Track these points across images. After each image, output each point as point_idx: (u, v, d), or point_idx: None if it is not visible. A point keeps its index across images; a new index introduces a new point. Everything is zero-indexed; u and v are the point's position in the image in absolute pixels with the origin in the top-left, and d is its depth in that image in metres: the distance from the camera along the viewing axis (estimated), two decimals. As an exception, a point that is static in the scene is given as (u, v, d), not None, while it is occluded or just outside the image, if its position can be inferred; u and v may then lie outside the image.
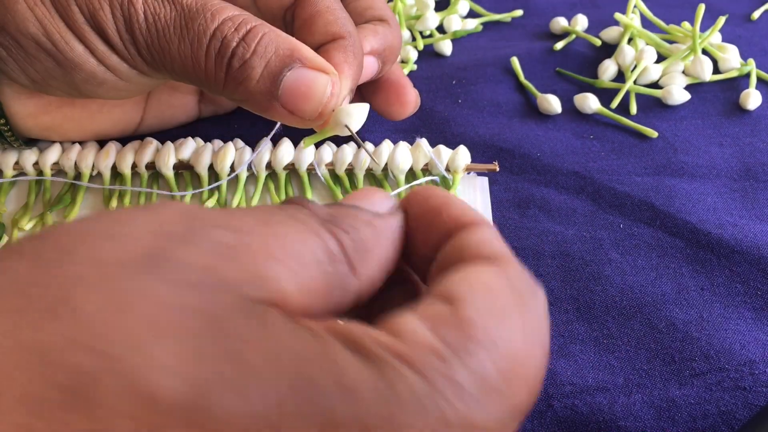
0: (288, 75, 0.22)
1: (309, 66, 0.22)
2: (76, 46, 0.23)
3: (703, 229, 0.31)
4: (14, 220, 0.32)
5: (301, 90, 0.22)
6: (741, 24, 0.44)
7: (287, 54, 0.22)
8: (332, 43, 0.25)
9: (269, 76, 0.22)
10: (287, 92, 0.22)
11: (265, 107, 0.23)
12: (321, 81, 0.23)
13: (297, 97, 0.22)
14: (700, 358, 0.27)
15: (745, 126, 0.37)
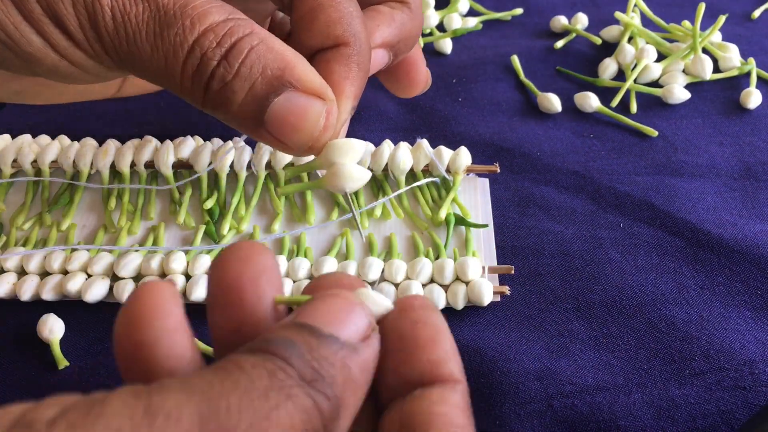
0: (276, 101, 0.19)
1: (301, 90, 0.19)
2: (33, 40, 0.20)
3: (703, 228, 0.31)
4: (12, 218, 0.32)
5: (290, 120, 0.19)
6: (741, 23, 0.44)
7: (276, 75, 0.19)
8: (333, 51, 0.21)
9: (254, 101, 0.19)
10: (274, 120, 0.19)
11: (251, 131, 0.20)
12: (314, 110, 0.19)
13: (285, 126, 0.19)
14: (699, 358, 0.27)
15: (746, 125, 0.37)
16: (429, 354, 0.15)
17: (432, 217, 0.32)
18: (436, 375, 0.15)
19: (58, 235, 0.31)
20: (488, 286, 0.28)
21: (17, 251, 0.30)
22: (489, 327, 0.28)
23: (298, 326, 0.14)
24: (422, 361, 0.15)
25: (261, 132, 0.19)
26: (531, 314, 0.28)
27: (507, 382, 0.26)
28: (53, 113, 0.38)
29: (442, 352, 0.16)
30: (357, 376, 0.14)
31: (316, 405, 0.13)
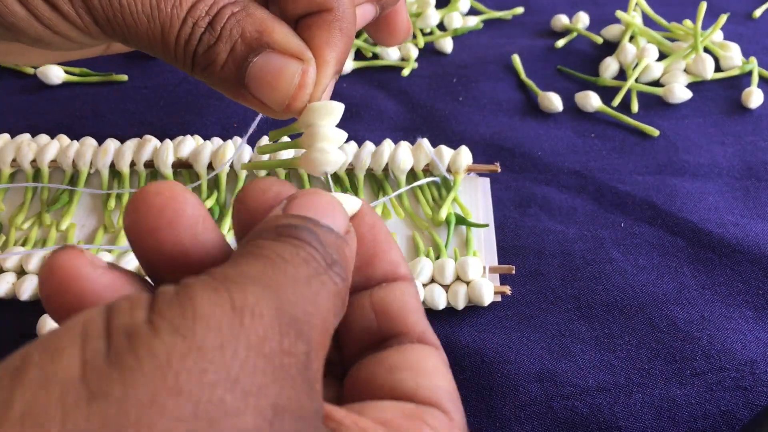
0: (254, 61, 0.20)
1: (279, 51, 0.20)
2: (17, 10, 0.20)
3: (705, 228, 0.31)
4: (11, 218, 0.32)
5: (267, 78, 0.20)
6: (742, 22, 0.44)
7: (254, 37, 0.20)
8: (316, 17, 0.21)
9: (234, 62, 0.20)
10: (253, 80, 0.20)
11: (235, 94, 0.21)
12: (290, 69, 0.20)
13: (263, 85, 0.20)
14: (701, 358, 0.27)
15: (747, 124, 0.37)
16: (389, 256, 0.18)
17: (432, 217, 0.31)
18: (397, 274, 0.18)
19: (57, 234, 0.31)
20: (489, 286, 0.28)
21: (17, 251, 0.30)
22: (490, 327, 0.28)
23: (300, 216, 0.15)
24: (385, 261, 0.18)
25: (243, 94, 0.20)
26: (532, 314, 0.28)
27: (507, 383, 0.26)
28: (53, 113, 0.38)
29: (397, 254, 0.18)
30: (350, 261, 0.16)
31: (337, 288, 0.15)
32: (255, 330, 0.12)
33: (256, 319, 0.12)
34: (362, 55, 0.41)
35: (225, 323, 0.12)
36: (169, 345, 0.11)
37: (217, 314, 0.12)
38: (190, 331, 0.11)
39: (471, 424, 0.25)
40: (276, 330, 0.12)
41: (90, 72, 0.40)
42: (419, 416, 0.15)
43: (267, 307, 0.12)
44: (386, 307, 0.18)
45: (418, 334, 0.18)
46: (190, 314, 0.12)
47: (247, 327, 0.12)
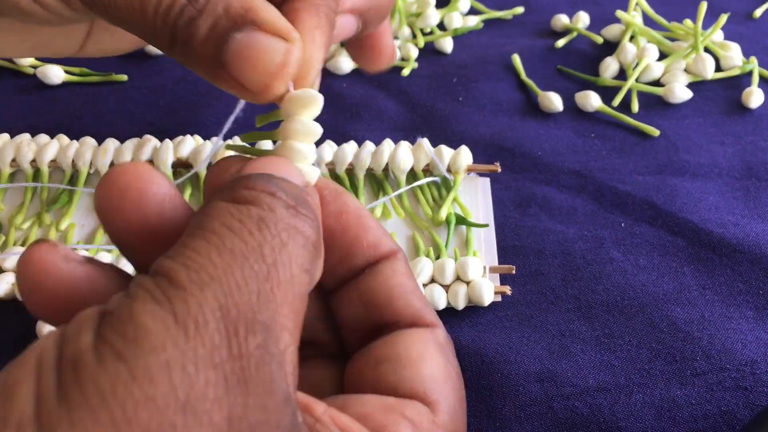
0: (236, 37, 0.18)
1: (265, 30, 0.18)
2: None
3: (705, 228, 0.31)
4: (11, 218, 0.32)
5: (248, 55, 0.18)
6: (743, 22, 0.44)
7: (239, 13, 0.18)
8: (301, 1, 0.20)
9: (215, 37, 0.18)
10: (233, 57, 0.18)
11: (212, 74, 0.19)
12: (274, 47, 0.18)
13: (243, 63, 0.18)
14: (701, 358, 0.27)
15: (747, 124, 0.37)
16: (366, 238, 0.17)
17: (432, 217, 0.31)
18: (379, 254, 0.17)
19: (57, 234, 0.31)
20: (489, 286, 0.28)
21: (16, 251, 0.30)
22: (490, 327, 0.28)
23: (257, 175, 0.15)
24: (364, 247, 0.17)
25: (221, 74, 0.19)
26: (532, 314, 0.28)
27: (507, 383, 0.26)
28: (53, 113, 0.38)
29: (374, 231, 0.17)
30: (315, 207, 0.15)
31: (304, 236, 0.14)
32: (201, 342, 0.12)
33: (201, 329, 0.12)
34: (362, 54, 0.41)
35: (169, 341, 0.11)
36: (113, 374, 0.11)
37: (160, 331, 0.11)
38: (133, 355, 0.11)
39: (471, 424, 0.25)
40: (223, 335, 0.12)
41: (90, 72, 0.40)
42: (398, 410, 0.15)
43: (211, 311, 0.12)
44: (371, 297, 0.17)
45: (409, 317, 0.17)
46: (131, 335, 0.11)
47: (193, 340, 0.12)
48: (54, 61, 0.41)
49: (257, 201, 0.14)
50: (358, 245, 0.17)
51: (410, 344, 0.16)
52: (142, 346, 0.11)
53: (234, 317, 0.12)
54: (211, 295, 0.12)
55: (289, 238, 0.14)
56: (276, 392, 0.12)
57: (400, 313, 0.17)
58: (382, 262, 0.17)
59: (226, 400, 0.11)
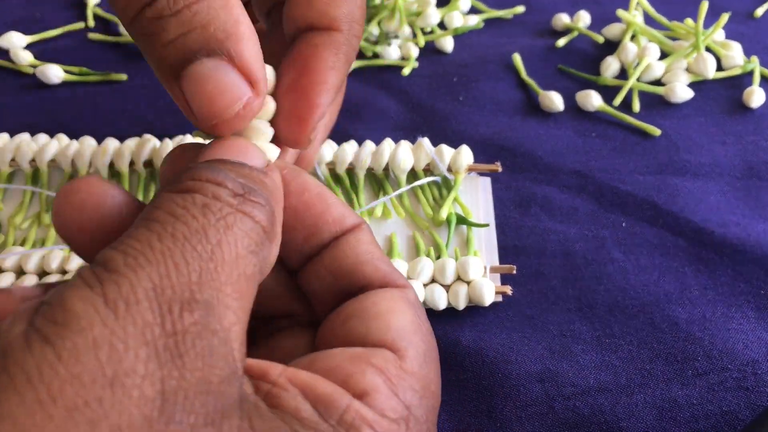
0: (202, 61, 0.16)
1: (236, 66, 0.16)
2: None
3: (707, 228, 0.31)
4: (10, 218, 0.32)
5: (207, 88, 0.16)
6: (744, 21, 0.44)
7: (218, 38, 0.16)
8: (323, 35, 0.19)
9: (179, 51, 0.16)
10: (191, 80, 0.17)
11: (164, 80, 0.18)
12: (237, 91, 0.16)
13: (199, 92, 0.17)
14: (702, 358, 0.27)
15: (749, 124, 0.37)
16: (329, 214, 0.17)
17: (433, 217, 0.31)
18: (344, 227, 0.17)
19: (56, 234, 0.31)
20: (490, 286, 0.28)
21: (15, 251, 0.29)
22: (490, 327, 0.28)
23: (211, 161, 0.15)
24: (329, 223, 0.17)
25: (174, 87, 0.17)
26: (533, 314, 0.28)
27: (508, 383, 0.26)
28: (52, 112, 0.38)
29: (337, 207, 0.17)
30: (275, 189, 0.15)
31: (254, 220, 0.14)
32: (131, 320, 0.12)
33: (132, 308, 0.12)
34: (362, 54, 0.41)
35: (97, 321, 0.12)
36: (39, 356, 0.11)
37: (88, 313, 0.12)
38: (59, 337, 0.11)
39: (471, 424, 0.25)
40: (156, 312, 0.12)
41: (89, 71, 0.40)
42: (364, 358, 0.15)
43: (143, 290, 0.12)
44: (339, 266, 0.17)
45: (379, 280, 0.17)
46: (60, 319, 0.12)
47: (123, 319, 0.12)
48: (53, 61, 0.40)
49: (202, 190, 0.14)
50: (323, 222, 0.17)
51: (380, 300, 0.16)
52: (69, 327, 0.11)
53: (168, 296, 0.12)
54: (145, 276, 0.12)
55: (235, 222, 0.14)
56: (216, 366, 0.12)
57: (369, 277, 0.17)
58: (347, 234, 0.17)
59: (159, 374, 0.12)
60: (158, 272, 0.12)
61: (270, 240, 0.15)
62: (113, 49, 0.42)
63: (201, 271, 0.13)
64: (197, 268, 0.13)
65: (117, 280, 0.12)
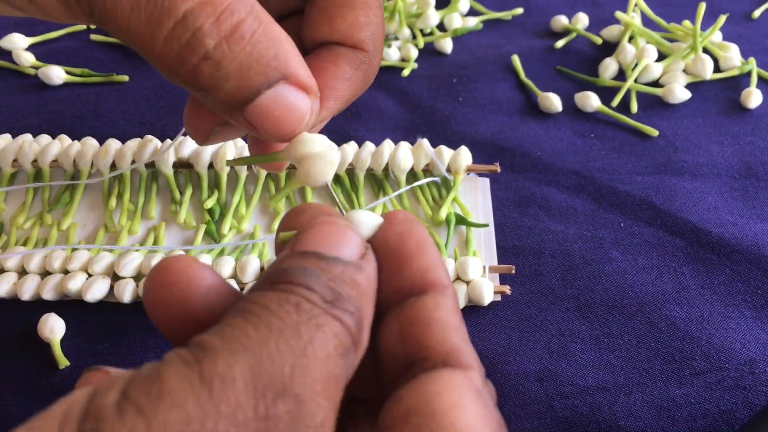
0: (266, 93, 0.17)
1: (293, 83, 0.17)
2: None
3: (704, 228, 0.31)
4: (13, 218, 0.32)
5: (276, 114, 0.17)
6: (742, 23, 0.44)
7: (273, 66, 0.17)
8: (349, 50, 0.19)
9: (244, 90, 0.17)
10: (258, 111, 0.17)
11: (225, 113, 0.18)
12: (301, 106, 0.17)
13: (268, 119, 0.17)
14: (700, 357, 0.27)
15: (746, 125, 0.37)
16: (417, 263, 0.16)
17: (432, 217, 0.32)
18: (427, 282, 0.16)
19: (58, 234, 0.31)
20: (489, 286, 0.28)
21: (18, 251, 0.30)
22: (489, 327, 0.28)
23: (302, 254, 0.15)
24: (412, 270, 0.16)
25: (236, 116, 0.18)
26: (532, 314, 0.28)
27: (507, 383, 0.26)
28: (54, 113, 0.38)
29: (429, 259, 0.16)
30: (366, 288, 0.15)
31: (343, 324, 0.14)
32: (225, 398, 0.12)
33: (227, 386, 0.12)
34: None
35: (191, 397, 0.11)
36: (131, 427, 0.11)
37: (183, 389, 0.12)
38: (153, 410, 0.11)
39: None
40: (250, 395, 0.12)
41: (91, 72, 0.40)
42: None
43: (240, 371, 0.12)
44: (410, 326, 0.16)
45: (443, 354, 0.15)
46: (155, 392, 0.12)
47: (217, 396, 0.12)
48: (55, 62, 0.41)
49: (294, 291, 0.14)
50: (408, 267, 0.16)
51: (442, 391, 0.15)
52: (163, 401, 0.11)
53: (263, 381, 0.12)
54: (243, 358, 0.12)
55: (326, 323, 0.14)
56: None
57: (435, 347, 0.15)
58: (428, 293, 0.16)
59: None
60: (255, 357, 0.12)
61: (356, 346, 0.14)
62: (115, 51, 0.42)
63: (294, 365, 0.13)
64: (291, 361, 0.13)
65: (214, 358, 0.12)
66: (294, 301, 0.14)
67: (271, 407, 0.12)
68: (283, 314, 0.13)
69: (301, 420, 0.12)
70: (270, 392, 0.12)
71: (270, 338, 0.13)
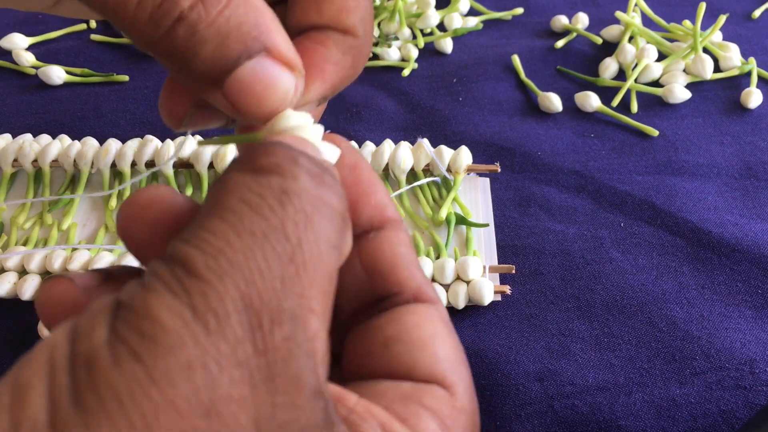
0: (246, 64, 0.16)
1: (275, 57, 0.16)
2: None
3: (704, 227, 0.31)
4: (13, 218, 0.32)
5: (256, 88, 0.16)
6: (742, 22, 0.44)
7: (253, 35, 0.16)
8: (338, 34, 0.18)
9: (221, 59, 0.16)
10: (237, 85, 0.16)
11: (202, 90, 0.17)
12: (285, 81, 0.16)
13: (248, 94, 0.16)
14: (700, 357, 0.27)
15: (746, 125, 0.37)
16: (374, 197, 0.16)
17: (433, 217, 0.32)
18: (385, 218, 0.16)
19: (59, 234, 0.31)
20: (489, 286, 0.28)
21: (18, 251, 0.30)
22: (490, 327, 0.28)
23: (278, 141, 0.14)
24: (370, 206, 0.16)
25: (213, 93, 0.16)
26: (532, 314, 0.28)
27: (507, 382, 0.26)
28: (54, 113, 0.38)
29: (382, 195, 0.16)
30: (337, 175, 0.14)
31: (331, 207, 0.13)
32: (224, 336, 0.11)
33: (223, 323, 0.11)
34: (362, 55, 0.41)
35: (189, 338, 0.11)
36: (130, 375, 0.10)
37: (178, 327, 0.11)
38: (151, 354, 0.10)
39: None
40: (246, 328, 0.11)
41: (91, 72, 0.40)
42: (417, 398, 0.14)
43: (232, 301, 0.11)
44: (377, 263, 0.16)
45: (413, 290, 0.16)
46: (148, 332, 0.11)
47: (214, 334, 0.11)
48: (55, 62, 0.41)
49: (278, 169, 0.13)
50: (366, 202, 0.16)
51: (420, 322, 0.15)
52: (160, 344, 0.11)
53: (257, 308, 0.11)
54: (232, 285, 0.11)
55: (315, 212, 0.12)
56: (305, 387, 0.11)
57: (404, 284, 0.16)
58: (386, 228, 0.16)
59: (252, 400, 0.11)
60: (244, 278, 0.11)
61: (346, 227, 0.13)
62: (115, 51, 0.42)
63: (284, 276, 0.12)
64: (279, 273, 0.12)
65: (204, 290, 0.11)
66: (278, 188, 0.12)
67: (268, 337, 0.11)
68: (267, 211, 0.12)
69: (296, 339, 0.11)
70: (266, 318, 0.11)
71: (255, 247, 0.12)
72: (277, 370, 0.11)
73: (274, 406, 0.11)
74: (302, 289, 0.12)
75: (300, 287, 0.12)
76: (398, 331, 0.15)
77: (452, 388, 0.15)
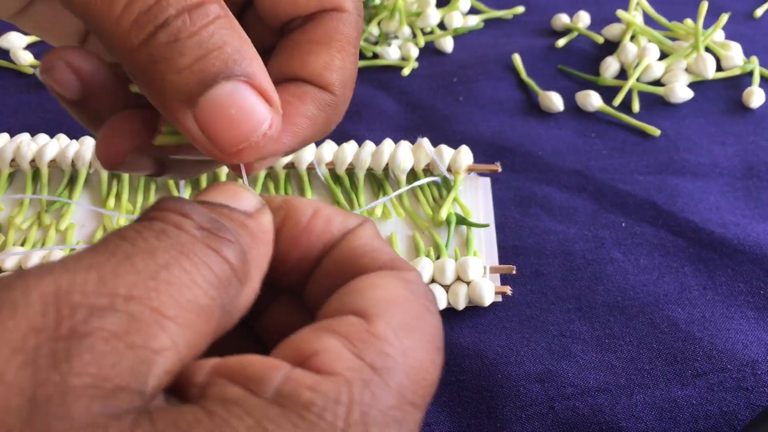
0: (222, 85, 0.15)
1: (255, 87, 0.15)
2: None
3: (706, 228, 0.31)
4: (11, 218, 0.32)
5: (230, 112, 0.15)
6: (744, 22, 0.44)
7: (234, 59, 0.15)
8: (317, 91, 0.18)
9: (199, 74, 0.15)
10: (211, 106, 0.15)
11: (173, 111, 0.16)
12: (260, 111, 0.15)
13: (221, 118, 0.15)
14: (702, 358, 0.27)
15: (748, 124, 0.37)
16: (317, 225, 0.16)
17: (433, 217, 0.31)
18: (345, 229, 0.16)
19: (56, 234, 0.31)
20: (490, 286, 0.28)
21: (16, 251, 0.29)
22: (490, 328, 0.28)
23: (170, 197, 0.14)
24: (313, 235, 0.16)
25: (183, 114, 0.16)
26: (532, 314, 0.28)
27: (508, 384, 0.26)
28: (52, 112, 0.38)
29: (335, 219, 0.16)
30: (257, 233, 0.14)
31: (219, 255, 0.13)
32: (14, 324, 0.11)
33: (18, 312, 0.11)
34: (362, 54, 0.41)
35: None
36: None
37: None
38: None
39: (471, 424, 0.25)
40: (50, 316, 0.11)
41: (89, 71, 0.40)
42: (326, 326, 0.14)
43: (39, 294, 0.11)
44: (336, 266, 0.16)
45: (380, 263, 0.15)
46: None
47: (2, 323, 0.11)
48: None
49: (163, 218, 0.13)
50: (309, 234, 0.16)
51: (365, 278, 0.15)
52: None
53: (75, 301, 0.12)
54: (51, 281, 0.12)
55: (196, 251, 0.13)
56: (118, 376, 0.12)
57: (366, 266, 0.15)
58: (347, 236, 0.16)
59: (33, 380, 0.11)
60: (72, 279, 0.12)
61: (241, 282, 0.13)
62: (113, 50, 0.42)
63: (134, 285, 0.12)
64: (128, 282, 0.12)
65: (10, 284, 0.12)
66: (158, 228, 0.13)
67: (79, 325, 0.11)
68: (138, 240, 0.12)
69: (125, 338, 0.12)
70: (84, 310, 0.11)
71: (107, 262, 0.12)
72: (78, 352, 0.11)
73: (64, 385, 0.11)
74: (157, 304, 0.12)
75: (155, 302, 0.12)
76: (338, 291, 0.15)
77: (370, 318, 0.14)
